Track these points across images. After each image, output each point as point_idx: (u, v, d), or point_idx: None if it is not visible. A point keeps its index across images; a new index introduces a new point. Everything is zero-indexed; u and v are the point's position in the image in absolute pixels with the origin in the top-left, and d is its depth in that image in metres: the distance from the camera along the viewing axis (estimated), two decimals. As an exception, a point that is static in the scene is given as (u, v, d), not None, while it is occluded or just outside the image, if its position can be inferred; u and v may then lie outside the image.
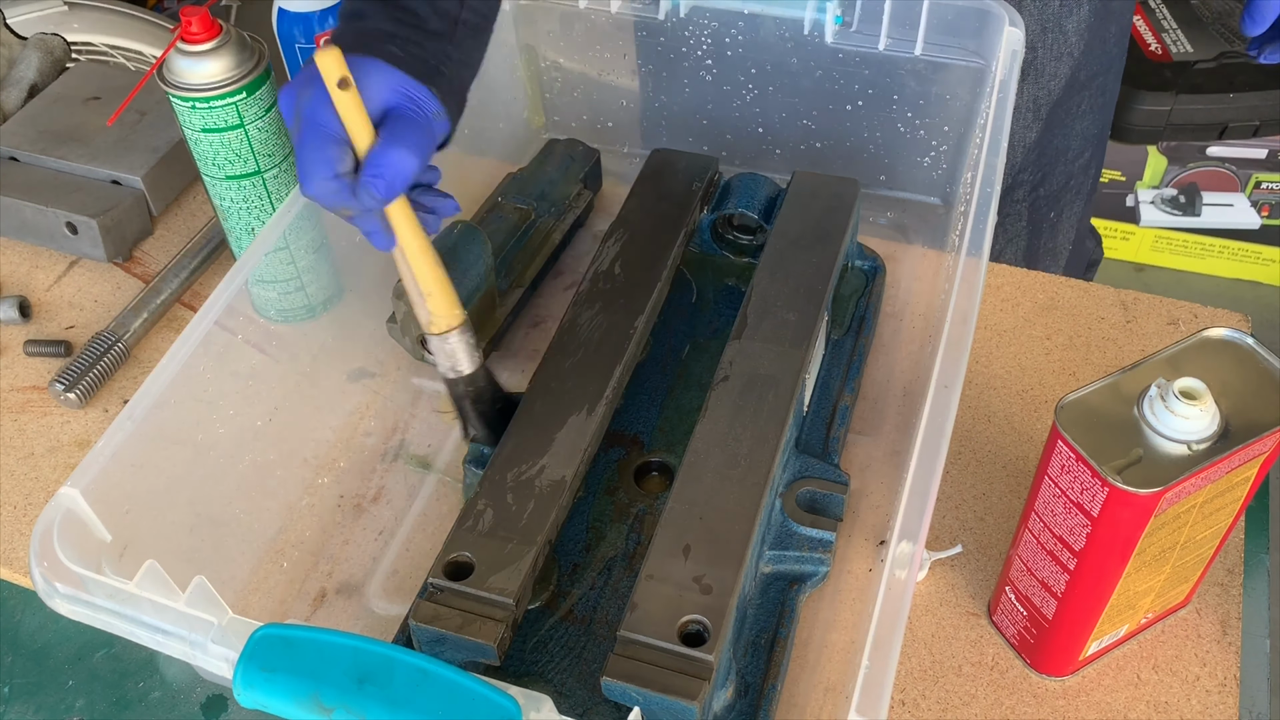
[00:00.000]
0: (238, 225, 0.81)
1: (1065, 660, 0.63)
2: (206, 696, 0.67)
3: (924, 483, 0.53)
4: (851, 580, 0.68)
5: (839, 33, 0.82)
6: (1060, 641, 0.62)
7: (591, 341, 0.73)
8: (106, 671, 0.69)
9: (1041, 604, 0.61)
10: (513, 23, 0.92)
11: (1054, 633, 0.61)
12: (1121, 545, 0.55)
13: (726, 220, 0.84)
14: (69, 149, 0.95)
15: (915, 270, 0.86)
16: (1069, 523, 0.56)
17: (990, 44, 0.75)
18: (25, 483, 0.77)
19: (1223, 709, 0.62)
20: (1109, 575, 0.57)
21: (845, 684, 0.63)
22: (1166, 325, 0.82)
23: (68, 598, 0.51)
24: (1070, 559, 0.57)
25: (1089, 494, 0.53)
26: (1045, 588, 0.60)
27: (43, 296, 0.90)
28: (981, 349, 0.81)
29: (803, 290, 0.74)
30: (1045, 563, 0.59)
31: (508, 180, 0.90)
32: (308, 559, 0.71)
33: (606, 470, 0.72)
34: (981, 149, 0.67)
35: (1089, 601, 0.58)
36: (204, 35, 0.73)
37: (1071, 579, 0.58)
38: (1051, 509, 0.57)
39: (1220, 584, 0.67)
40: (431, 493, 0.74)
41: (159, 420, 0.60)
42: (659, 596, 0.59)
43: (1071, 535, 0.56)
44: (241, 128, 0.75)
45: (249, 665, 0.47)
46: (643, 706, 0.55)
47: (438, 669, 0.46)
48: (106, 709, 0.67)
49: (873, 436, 0.75)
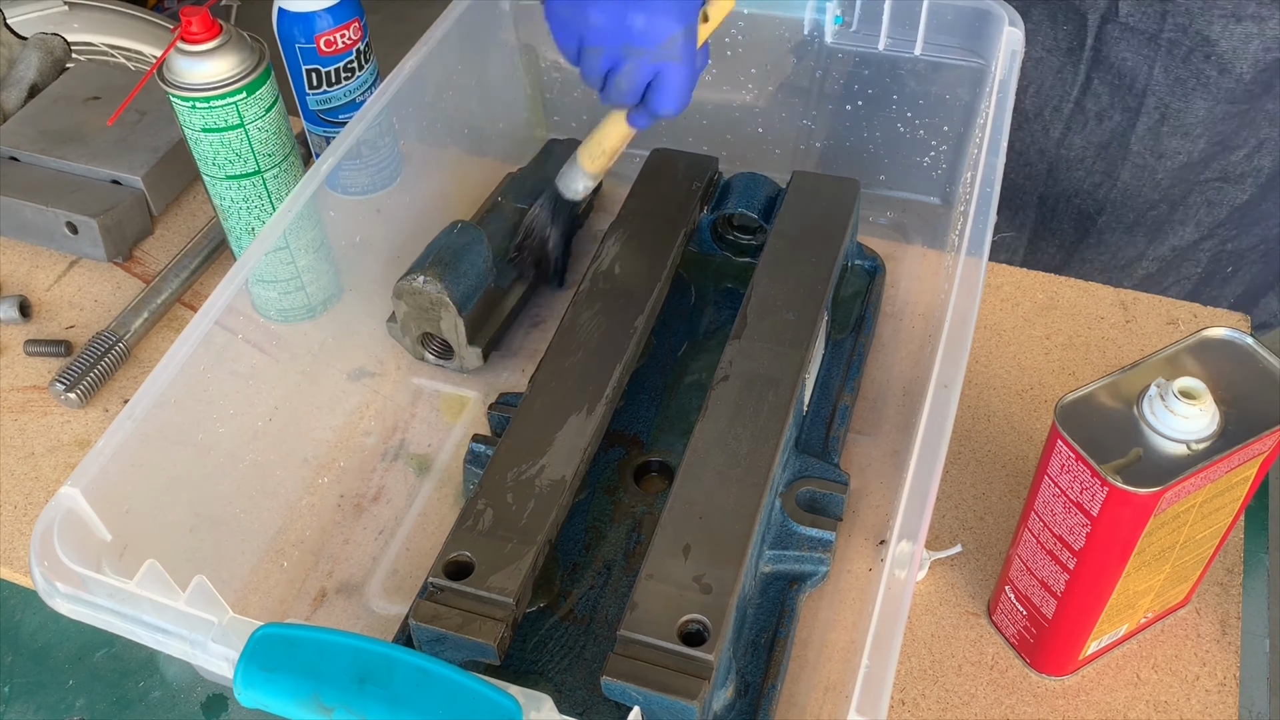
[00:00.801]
0: (238, 225, 0.81)
1: (1065, 660, 0.63)
2: (207, 696, 0.67)
3: (924, 482, 0.53)
4: (851, 580, 0.68)
5: (839, 33, 0.82)
6: (1060, 641, 0.62)
7: (591, 341, 0.73)
8: (107, 671, 0.69)
9: (1041, 603, 0.61)
10: (513, 23, 0.92)
11: (1054, 632, 0.61)
12: (1121, 545, 0.55)
13: (726, 220, 0.84)
14: (69, 149, 0.95)
15: (915, 270, 0.86)
16: (1069, 522, 0.56)
17: (990, 44, 0.75)
18: (25, 482, 0.77)
19: (1222, 708, 0.62)
20: (1109, 575, 0.57)
21: (845, 683, 0.63)
22: (1166, 325, 0.82)
23: (68, 597, 0.51)
24: (1070, 558, 0.57)
25: (1089, 493, 0.53)
26: (1045, 587, 0.60)
27: (43, 296, 0.90)
28: (981, 349, 0.81)
29: (803, 290, 0.74)
30: (1045, 562, 0.59)
31: (508, 180, 0.90)
32: (308, 558, 0.71)
33: (606, 470, 0.72)
34: (981, 149, 0.67)
35: (1089, 601, 0.58)
36: (204, 35, 0.73)
37: (1071, 578, 0.58)
38: (1051, 508, 0.57)
39: (1220, 583, 0.67)
40: (431, 492, 0.74)
41: (159, 420, 0.60)
42: (659, 596, 0.59)
43: (1071, 535, 0.56)
44: (242, 127, 0.75)
45: (249, 664, 0.47)
46: (643, 706, 0.55)
47: (438, 668, 0.46)
48: (107, 708, 0.67)
49: (872, 436, 0.75)
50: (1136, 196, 0.89)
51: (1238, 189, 0.88)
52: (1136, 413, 0.54)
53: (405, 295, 0.77)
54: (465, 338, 0.78)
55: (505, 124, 0.96)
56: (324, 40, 0.80)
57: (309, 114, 0.85)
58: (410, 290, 0.76)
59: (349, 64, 0.82)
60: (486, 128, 0.93)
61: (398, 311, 0.78)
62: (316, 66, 0.81)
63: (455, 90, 0.86)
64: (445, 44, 0.82)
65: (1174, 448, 0.53)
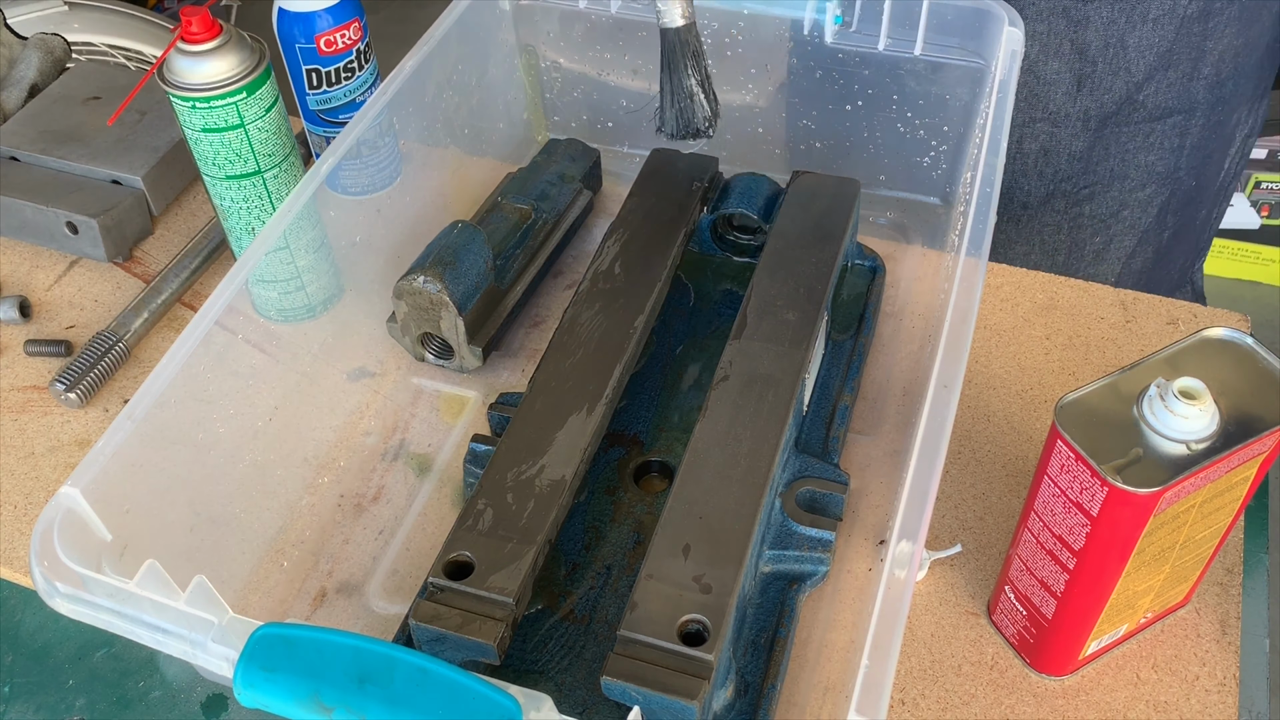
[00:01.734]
0: (238, 225, 0.81)
1: (1065, 660, 0.63)
2: (207, 696, 0.67)
3: (924, 482, 0.53)
4: (851, 580, 0.68)
5: (839, 33, 0.82)
6: (1060, 641, 0.62)
7: (591, 341, 0.73)
8: (107, 671, 0.69)
9: (1041, 603, 0.61)
10: (513, 23, 0.92)
11: (1053, 632, 0.61)
12: (1121, 545, 0.55)
13: (726, 220, 0.84)
14: (69, 149, 0.95)
15: (915, 270, 0.86)
16: (1068, 522, 0.56)
17: (990, 44, 0.75)
18: (26, 482, 0.77)
19: (1222, 708, 0.62)
20: (1108, 575, 0.57)
21: (845, 683, 0.63)
22: (1166, 325, 0.82)
23: (68, 597, 0.51)
24: (1070, 558, 0.57)
25: (1088, 494, 0.53)
26: (1045, 587, 0.60)
27: (43, 296, 0.90)
28: (981, 349, 0.81)
29: (803, 290, 0.74)
30: (1045, 562, 0.59)
31: (508, 180, 0.90)
32: (308, 558, 0.71)
33: (606, 470, 0.72)
34: (981, 149, 0.67)
35: (1088, 601, 0.58)
36: (204, 35, 0.73)
37: (1071, 578, 0.58)
38: (1051, 508, 0.57)
39: (1220, 584, 0.67)
40: (431, 492, 0.74)
41: (159, 420, 0.60)
42: (659, 596, 0.59)
43: (1071, 535, 0.56)
44: (242, 127, 0.75)
45: (249, 665, 0.47)
46: (642, 706, 0.55)
47: (438, 668, 0.46)
48: (107, 708, 0.67)
49: (872, 436, 0.75)
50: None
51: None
52: (1136, 413, 0.54)
53: (405, 295, 0.77)
54: (465, 338, 0.78)
55: (505, 124, 0.96)
56: (324, 40, 0.80)
57: (309, 114, 0.85)
58: (410, 290, 0.76)
59: (349, 64, 0.82)
60: (486, 128, 0.93)
61: (398, 311, 0.78)
62: (316, 66, 0.82)
63: (455, 90, 0.86)
64: (445, 44, 0.82)
65: (1174, 448, 0.53)
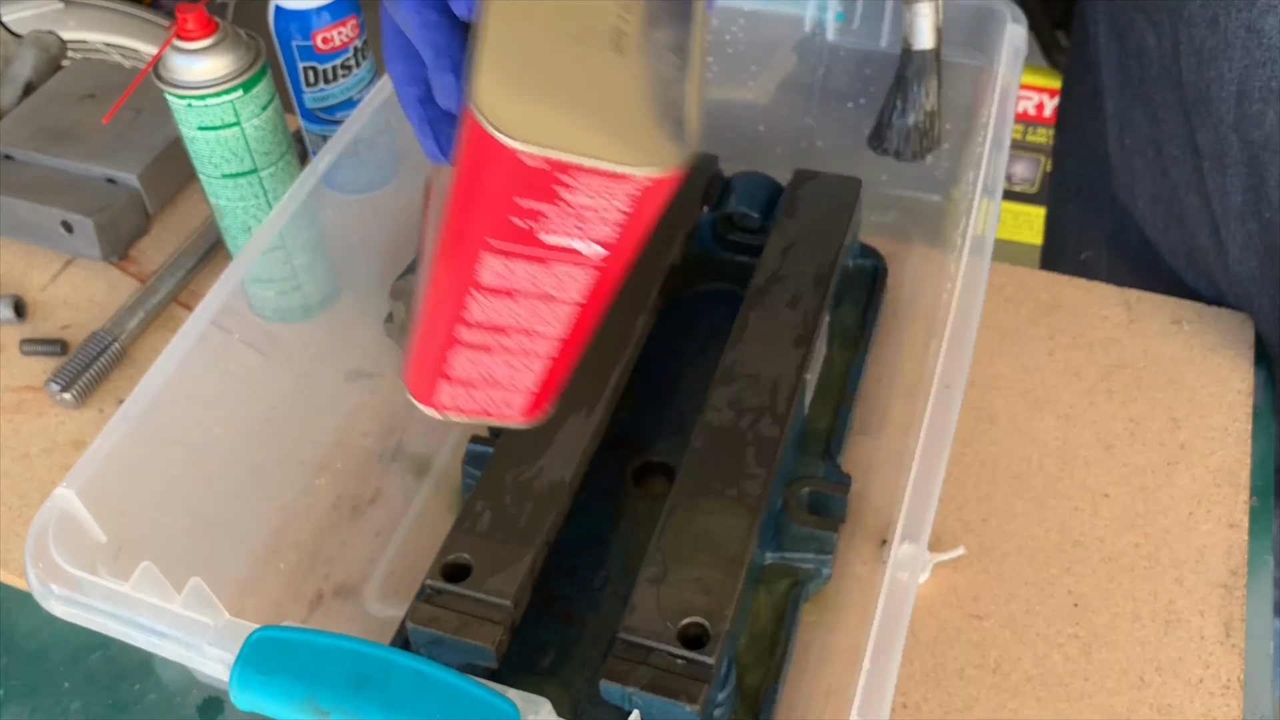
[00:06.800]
0: (234, 224, 0.80)
1: (427, 378, 0.52)
2: (203, 699, 0.67)
3: (926, 483, 0.52)
4: (853, 582, 0.68)
5: (840, 30, 0.81)
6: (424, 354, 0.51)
7: (591, 341, 0.72)
8: (102, 673, 0.68)
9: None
10: (511, 20, 0.91)
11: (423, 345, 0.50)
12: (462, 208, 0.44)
13: (727, 219, 0.84)
14: (64, 147, 0.94)
15: (918, 269, 0.86)
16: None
17: (993, 42, 0.75)
18: (20, 483, 0.76)
19: (1226, 711, 0.62)
20: (438, 252, 0.46)
21: (847, 686, 0.62)
22: (1170, 324, 0.82)
23: (63, 599, 0.51)
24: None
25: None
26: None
27: (38, 296, 0.90)
28: (984, 349, 0.80)
29: (804, 289, 0.74)
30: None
31: (506, 179, 0.89)
32: (305, 561, 0.70)
33: (606, 471, 0.71)
34: (984, 147, 0.67)
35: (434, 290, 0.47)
36: (200, 33, 0.72)
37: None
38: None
39: (1224, 585, 0.67)
40: (429, 494, 0.74)
41: (155, 420, 0.59)
42: (659, 598, 0.58)
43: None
44: (238, 126, 0.74)
45: (245, 668, 0.47)
46: (642, 709, 0.54)
47: (435, 672, 0.46)
48: (102, 711, 0.67)
49: (874, 436, 0.75)
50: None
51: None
52: None
53: (403, 295, 0.76)
54: (463, 337, 0.78)
55: (504, 122, 0.95)
56: (320, 37, 0.80)
57: (305, 112, 0.85)
58: (408, 290, 0.76)
59: (346, 61, 0.82)
60: (485, 126, 0.93)
61: (395, 312, 0.78)
62: (313, 64, 0.81)
63: (453, 88, 0.86)
64: (443, 41, 0.81)
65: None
